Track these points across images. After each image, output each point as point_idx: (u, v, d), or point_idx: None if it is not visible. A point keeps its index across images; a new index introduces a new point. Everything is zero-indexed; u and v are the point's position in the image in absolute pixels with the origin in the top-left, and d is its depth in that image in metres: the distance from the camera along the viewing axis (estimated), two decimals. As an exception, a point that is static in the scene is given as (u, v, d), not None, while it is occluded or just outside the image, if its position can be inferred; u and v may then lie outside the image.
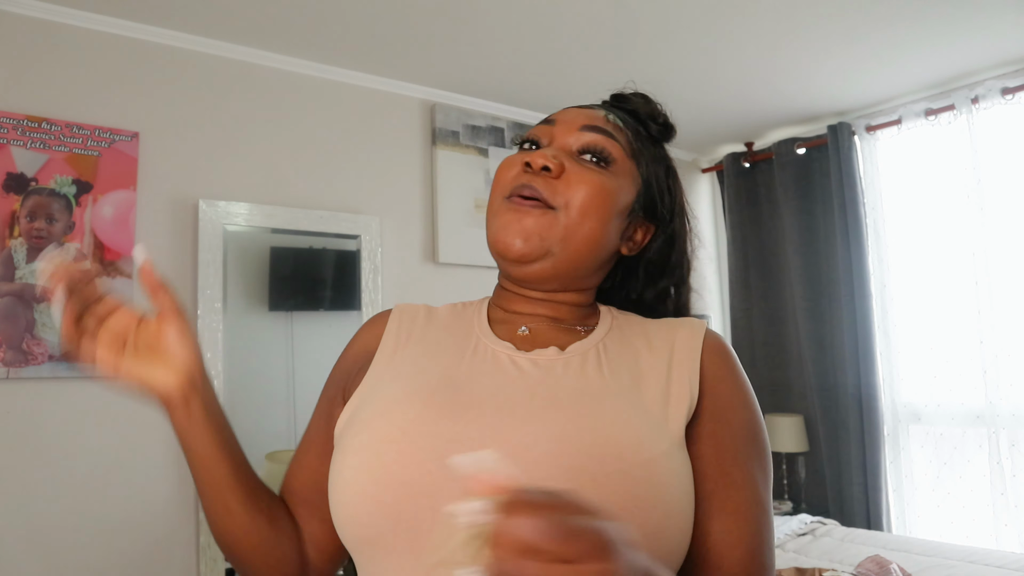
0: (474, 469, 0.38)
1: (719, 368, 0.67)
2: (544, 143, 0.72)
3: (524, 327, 0.71)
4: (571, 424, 0.57)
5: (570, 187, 0.67)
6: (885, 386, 3.08)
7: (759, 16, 2.25)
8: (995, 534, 2.71)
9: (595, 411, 0.59)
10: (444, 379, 0.64)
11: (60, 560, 1.84)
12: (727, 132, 3.47)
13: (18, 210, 1.87)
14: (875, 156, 3.15)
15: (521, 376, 0.63)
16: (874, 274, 3.12)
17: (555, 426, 0.57)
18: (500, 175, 0.71)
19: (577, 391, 0.61)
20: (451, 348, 0.69)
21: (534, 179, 0.67)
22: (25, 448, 1.83)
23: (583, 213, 0.67)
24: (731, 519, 0.60)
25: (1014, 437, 2.71)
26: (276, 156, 2.33)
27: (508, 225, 0.67)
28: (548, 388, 0.62)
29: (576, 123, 0.71)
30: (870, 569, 2.10)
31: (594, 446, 0.56)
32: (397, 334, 0.72)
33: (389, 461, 0.57)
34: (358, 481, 0.58)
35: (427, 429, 0.58)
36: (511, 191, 0.68)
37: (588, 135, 0.71)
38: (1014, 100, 2.75)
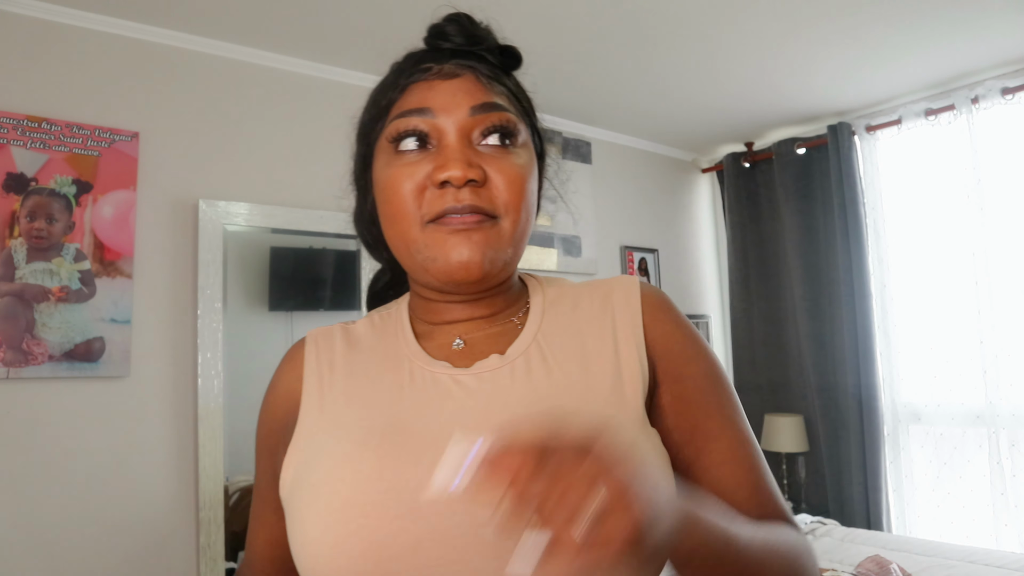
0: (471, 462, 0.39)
1: (664, 324, 0.65)
2: (433, 139, 0.61)
3: (458, 340, 0.65)
4: None
5: (499, 188, 0.61)
6: (885, 386, 3.08)
7: (759, 16, 2.25)
8: (995, 534, 2.71)
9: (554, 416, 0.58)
10: (389, 420, 0.59)
11: (60, 560, 1.84)
12: (727, 132, 3.47)
13: (18, 210, 1.87)
14: (875, 156, 3.16)
15: (469, 397, 0.60)
16: (874, 274, 3.12)
17: None
18: (400, 194, 0.60)
19: (530, 400, 0.59)
20: (385, 380, 0.63)
21: (462, 194, 0.59)
22: (25, 448, 1.83)
23: (520, 209, 0.62)
24: (724, 468, 0.61)
25: (1014, 437, 2.71)
26: (276, 156, 2.33)
27: (458, 247, 0.59)
28: (500, 404, 0.59)
29: (462, 106, 0.61)
30: (870, 569, 2.10)
31: None
32: (319, 371, 0.66)
33: (357, 527, 0.53)
34: (329, 556, 0.53)
35: (388, 483, 0.54)
36: (439, 213, 0.59)
37: (484, 117, 0.61)
38: (1014, 100, 2.75)
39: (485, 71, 0.63)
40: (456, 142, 0.60)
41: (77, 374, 1.90)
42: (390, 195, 0.61)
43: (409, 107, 0.61)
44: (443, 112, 0.61)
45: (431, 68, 0.62)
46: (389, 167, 0.62)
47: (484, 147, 0.61)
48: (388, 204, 0.62)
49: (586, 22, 2.24)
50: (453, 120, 0.61)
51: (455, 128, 0.60)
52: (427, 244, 0.60)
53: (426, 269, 0.61)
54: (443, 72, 0.62)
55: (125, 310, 1.98)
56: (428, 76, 0.62)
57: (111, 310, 1.96)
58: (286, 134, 2.36)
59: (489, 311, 0.67)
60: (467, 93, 0.61)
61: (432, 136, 0.61)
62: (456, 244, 0.59)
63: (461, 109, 0.61)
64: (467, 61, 0.63)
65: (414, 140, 0.61)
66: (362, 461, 0.56)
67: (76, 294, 1.91)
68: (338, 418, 0.62)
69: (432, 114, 0.61)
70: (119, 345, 1.96)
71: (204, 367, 2.08)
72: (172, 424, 2.05)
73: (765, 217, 3.57)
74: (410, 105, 0.62)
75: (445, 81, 0.62)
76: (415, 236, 0.61)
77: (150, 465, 2.00)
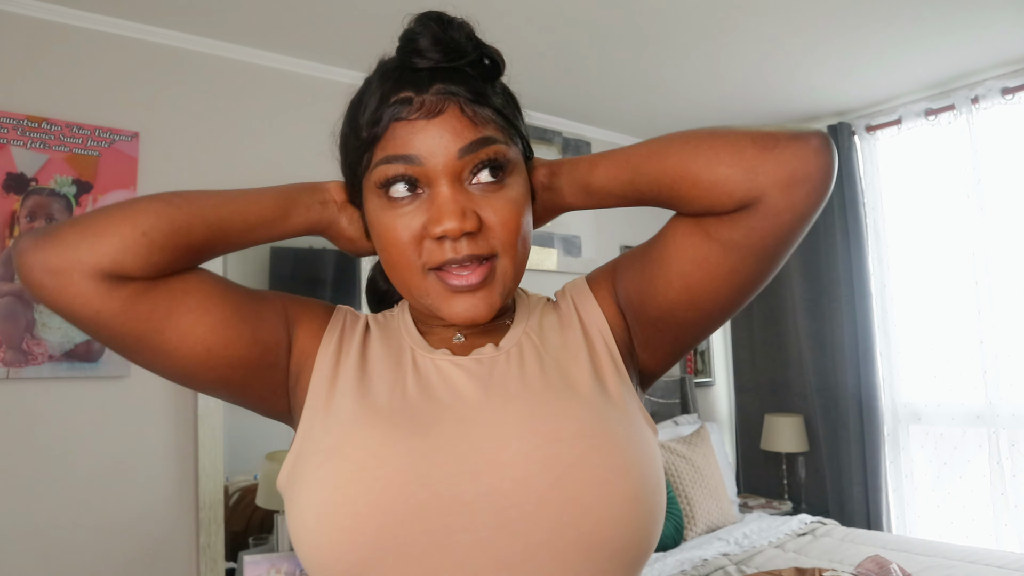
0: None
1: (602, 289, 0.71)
2: (423, 183, 0.60)
3: (459, 335, 0.68)
4: (533, 415, 0.58)
5: (496, 230, 0.60)
6: (885, 386, 3.08)
7: (759, 16, 2.25)
8: (995, 534, 2.71)
9: (550, 397, 0.61)
10: (396, 398, 0.61)
11: (60, 560, 1.84)
12: (727, 132, 3.47)
13: (18, 210, 1.87)
14: (875, 156, 3.16)
15: (469, 378, 0.62)
16: (874, 274, 3.12)
17: (519, 421, 0.58)
18: (399, 245, 0.60)
19: (525, 381, 0.62)
20: (390, 364, 0.65)
21: (459, 245, 0.59)
22: (25, 448, 1.83)
23: (517, 245, 0.62)
24: None
25: (1014, 437, 2.71)
26: (276, 156, 2.33)
27: (464, 305, 0.60)
28: (498, 384, 0.62)
29: (449, 149, 0.58)
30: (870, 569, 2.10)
31: (559, 431, 0.57)
32: (339, 345, 0.67)
33: (366, 489, 0.55)
34: (335, 517, 0.54)
35: (397, 452, 0.56)
36: (441, 263, 0.59)
37: (473, 156, 0.59)
38: (1014, 100, 2.75)
39: (468, 95, 0.60)
40: (448, 189, 0.59)
41: (77, 374, 1.90)
42: (387, 244, 0.61)
43: (394, 152, 0.59)
44: (430, 158, 0.58)
45: (411, 100, 0.59)
46: (383, 212, 0.61)
47: (475, 186, 0.60)
48: (386, 252, 0.62)
49: (586, 22, 2.24)
50: (441, 165, 0.58)
51: (444, 175, 0.59)
52: (430, 293, 0.61)
53: (431, 313, 0.63)
54: (425, 108, 0.59)
55: (125, 310, 1.98)
56: (410, 115, 0.59)
57: (111, 310, 1.96)
58: (286, 134, 2.36)
59: (490, 323, 0.69)
60: (454, 134, 0.59)
61: (421, 181, 0.59)
62: (462, 301, 0.60)
63: (448, 153, 0.58)
64: (448, 86, 0.60)
65: (403, 186, 0.60)
66: (372, 430, 0.58)
67: (76, 294, 1.91)
68: (348, 393, 0.62)
69: (419, 161, 0.59)
70: (119, 345, 1.96)
71: (204, 367, 2.08)
72: (172, 424, 2.05)
73: (765, 217, 3.57)
74: (395, 150, 0.59)
75: (429, 122, 0.59)
76: (418, 283, 0.61)
77: (150, 465, 2.00)
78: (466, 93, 0.60)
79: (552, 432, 0.57)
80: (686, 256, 0.60)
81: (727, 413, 3.79)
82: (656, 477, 0.59)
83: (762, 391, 3.53)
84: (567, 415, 0.59)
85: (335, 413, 0.61)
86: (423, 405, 0.60)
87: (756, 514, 3.00)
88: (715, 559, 2.39)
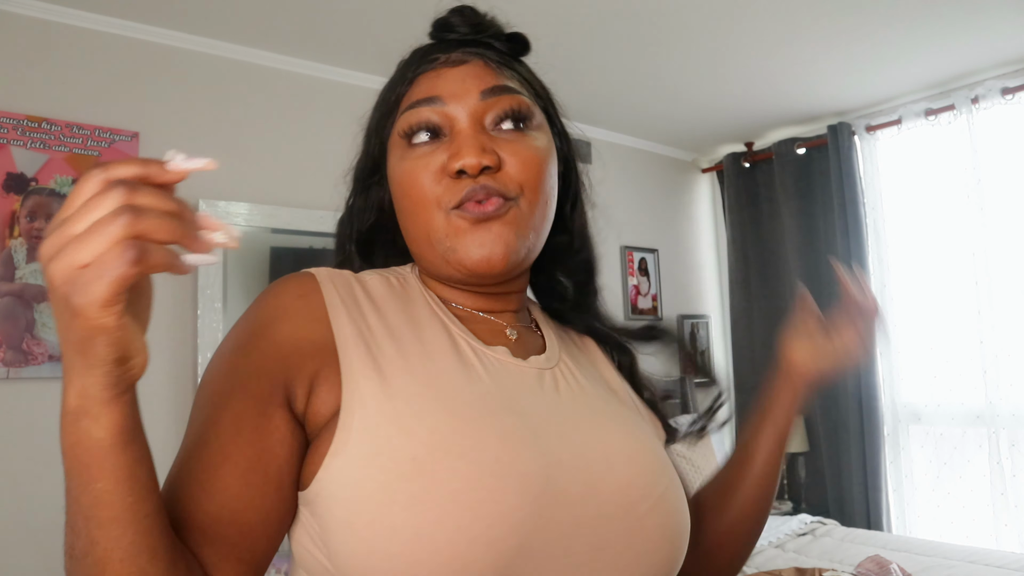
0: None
1: None
2: (445, 129, 0.59)
3: (511, 330, 0.64)
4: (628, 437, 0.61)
5: (515, 169, 0.59)
6: (885, 386, 3.08)
7: (759, 16, 2.25)
8: (995, 534, 2.71)
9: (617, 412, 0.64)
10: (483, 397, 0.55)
11: (60, 560, 1.83)
12: (727, 132, 3.47)
13: (18, 210, 1.87)
14: (875, 156, 3.16)
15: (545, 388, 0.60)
16: (874, 274, 3.12)
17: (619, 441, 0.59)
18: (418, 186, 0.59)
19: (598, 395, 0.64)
20: (447, 358, 0.57)
21: (478, 181, 0.57)
22: (25, 448, 1.82)
23: (538, 190, 0.60)
24: None
25: (1014, 437, 2.72)
26: (276, 156, 2.33)
27: (480, 240, 0.57)
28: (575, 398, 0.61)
29: (471, 92, 0.59)
30: (870, 569, 2.10)
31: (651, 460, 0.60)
32: (356, 327, 0.55)
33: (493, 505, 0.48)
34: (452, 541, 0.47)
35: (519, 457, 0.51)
36: (459, 200, 0.57)
37: (495, 101, 0.60)
38: (1014, 100, 2.75)
39: (494, 57, 0.62)
40: (469, 128, 0.59)
41: (77, 374, 1.90)
42: (408, 188, 0.60)
43: (418, 97, 0.60)
44: (453, 99, 0.59)
45: (438, 58, 0.61)
46: (404, 160, 0.60)
47: (498, 132, 0.60)
48: (407, 197, 0.60)
49: (586, 22, 2.24)
50: (464, 106, 0.59)
51: (466, 114, 0.59)
52: (448, 233, 0.58)
53: (447, 260, 0.59)
54: (450, 60, 0.61)
55: (125, 310, 1.98)
56: (435, 65, 0.61)
57: (111, 310, 1.96)
58: (286, 134, 2.36)
59: (516, 305, 0.67)
60: (476, 78, 0.60)
61: (444, 126, 0.59)
62: (477, 237, 0.57)
63: (471, 95, 0.59)
64: (475, 49, 0.62)
65: (426, 133, 0.59)
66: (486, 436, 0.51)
67: (76, 294, 1.91)
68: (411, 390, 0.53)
69: (442, 102, 0.59)
70: (119, 345, 1.96)
71: (204, 367, 2.08)
72: (172, 424, 2.05)
73: (765, 217, 3.57)
74: (419, 95, 0.60)
75: (453, 68, 0.61)
76: (438, 224, 0.58)
77: (150, 465, 1.99)
78: (491, 55, 0.63)
79: (647, 461, 0.59)
80: None
81: (727, 413, 3.78)
82: None
83: (762, 391, 3.53)
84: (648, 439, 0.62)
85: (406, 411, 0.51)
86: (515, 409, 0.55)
87: (756, 514, 3.00)
88: (715, 559, 2.39)
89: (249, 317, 0.56)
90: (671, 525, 0.57)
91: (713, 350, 3.77)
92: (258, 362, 0.53)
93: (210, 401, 0.53)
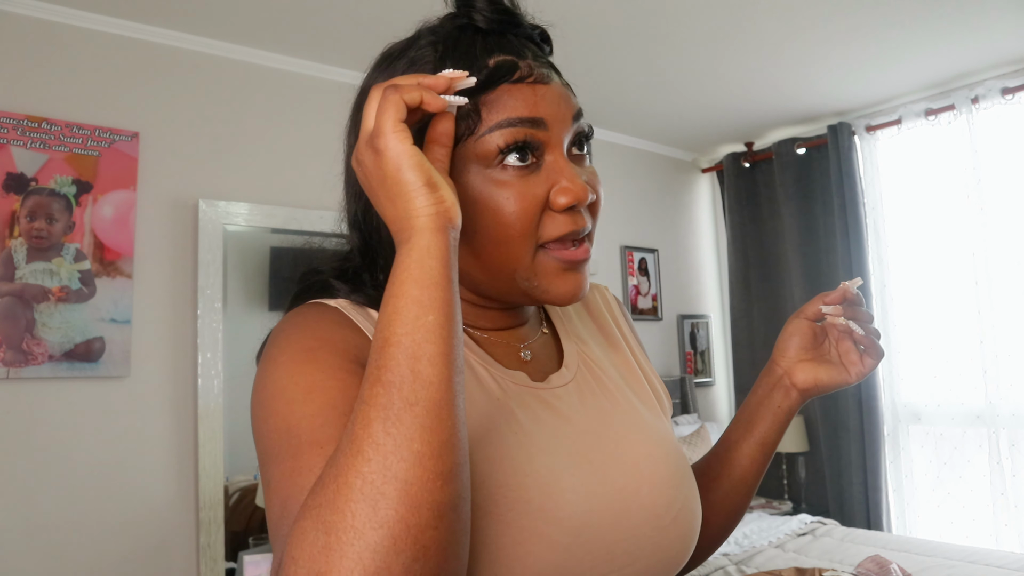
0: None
1: (627, 324, 0.76)
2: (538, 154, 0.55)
3: (526, 350, 0.63)
4: (642, 436, 0.61)
5: (597, 202, 0.58)
6: (885, 386, 3.08)
7: (759, 16, 2.25)
8: (995, 534, 2.71)
9: (637, 416, 0.63)
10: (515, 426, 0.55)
11: (60, 560, 1.84)
12: (727, 132, 3.47)
13: (18, 210, 1.87)
14: (875, 156, 3.16)
15: (569, 411, 0.59)
16: (874, 274, 3.12)
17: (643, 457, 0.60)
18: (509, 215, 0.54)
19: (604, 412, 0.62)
20: (470, 384, 0.57)
21: (580, 219, 0.56)
22: (25, 448, 1.83)
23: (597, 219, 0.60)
24: None
25: (1014, 437, 2.72)
26: (276, 156, 2.33)
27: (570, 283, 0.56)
28: (594, 416, 0.60)
29: (567, 117, 0.56)
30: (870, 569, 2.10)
31: (672, 472, 0.60)
32: None
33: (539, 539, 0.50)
34: None
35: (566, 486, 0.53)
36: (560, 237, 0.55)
37: (577, 127, 0.57)
38: (1014, 100, 2.75)
39: (557, 71, 0.59)
40: (564, 158, 0.55)
41: (77, 374, 1.90)
42: (498, 216, 0.54)
43: (518, 115, 0.53)
44: (556, 124, 0.55)
45: (517, 65, 0.55)
46: (490, 184, 0.54)
47: (570, 156, 0.57)
48: (494, 228, 0.54)
49: (587, 22, 2.24)
50: (564, 133, 0.55)
51: (567, 142, 0.56)
52: (536, 273, 0.55)
53: (525, 292, 0.57)
54: (536, 74, 0.55)
55: (125, 310, 1.98)
56: (524, 78, 0.55)
57: (111, 310, 1.96)
58: (286, 134, 2.36)
59: (523, 318, 0.66)
60: (566, 100, 0.56)
61: (539, 150, 0.55)
62: (569, 280, 0.56)
63: (567, 121, 0.56)
64: (537, 52, 0.58)
65: (517, 155, 0.54)
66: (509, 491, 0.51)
67: (76, 294, 1.91)
68: None
69: (546, 126, 0.54)
70: (119, 345, 1.96)
71: (204, 367, 2.08)
72: (172, 424, 2.05)
73: (765, 217, 3.57)
74: (517, 112, 0.53)
75: (547, 87, 0.55)
76: (526, 263, 0.55)
77: (150, 465, 2.00)
78: (555, 71, 0.59)
79: (670, 473, 0.59)
80: None
81: (727, 413, 3.79)
82: None
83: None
84: (666, 440, 0.62)
85: None
86: (550, 439, 0.56)
87: (756, 514, 3.00)
88: (715, 559, 2.39)
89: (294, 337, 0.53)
90: (689, 530, 0.59)
91: (713, 350, 3.77)
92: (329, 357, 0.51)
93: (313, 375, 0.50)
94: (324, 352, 0.51)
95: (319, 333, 0.53)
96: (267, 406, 0.50)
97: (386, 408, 0.40)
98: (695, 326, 3.68)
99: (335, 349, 0.51)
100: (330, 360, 0.50)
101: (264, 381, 0.51)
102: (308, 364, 0.50)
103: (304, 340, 0.52)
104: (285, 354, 0.52)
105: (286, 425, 0.47)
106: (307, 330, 0.54)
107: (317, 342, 0.52)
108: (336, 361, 0.50)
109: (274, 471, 0.46)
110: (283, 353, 0.52)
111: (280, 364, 0.51)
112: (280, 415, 0.48)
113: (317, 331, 0.53)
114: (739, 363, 3.62)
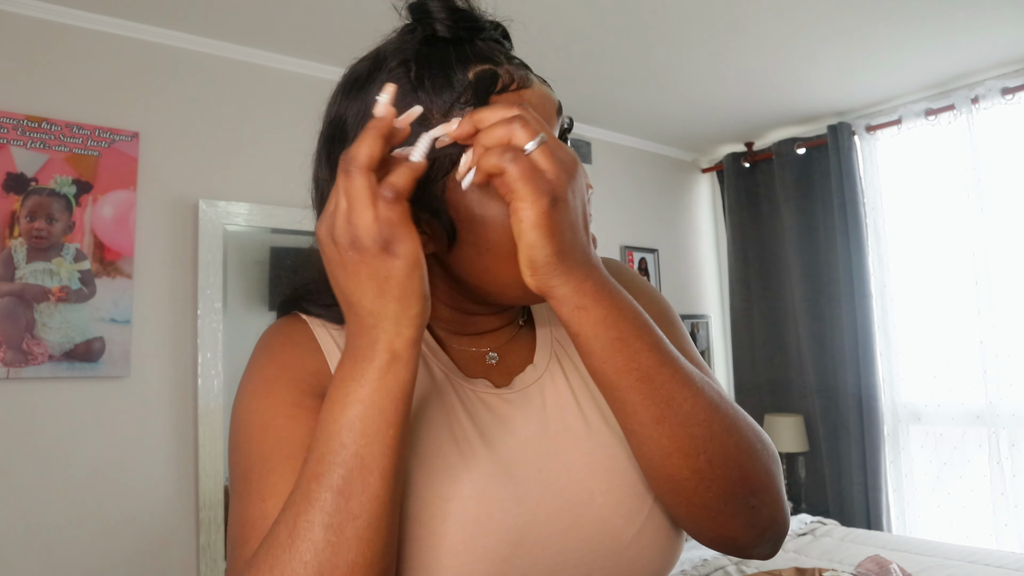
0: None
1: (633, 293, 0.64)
2: None
3: (492, 354, 0.61)
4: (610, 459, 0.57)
5: None
6: (885, 386, 3.08)
7: (759, 16, 2.25)
8: (995, 534, 2.71)
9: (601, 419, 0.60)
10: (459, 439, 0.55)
11: (60, 560, 1.84)
12: (727, 132, 3.47)
13: (18, 210, 1.87)
14: (875, 156, 3.16)
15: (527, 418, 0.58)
16: (874, 274, 3.12)
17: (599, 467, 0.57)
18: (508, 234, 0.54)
19: (579, 408, 0.60)
20: (431, 398, 0.57)
21: None
22: (25, 448, 1.83)
23: None
24: None
25: (1014, 437, 2.72)
26: (276, 156, 2.33)
27: None
28: (556, 419, 0.59)
29: (552, 115, 0.55)
30: (870, 569, 2.10)
31: (633, 481, 0.57)
32: None
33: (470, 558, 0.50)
34: None
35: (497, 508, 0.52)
36: None
37: (560, 120, 0.57)
38: (1014, 100, 2.75)
39: (525, 63, 0.56)
40: None
41: (77, 374, 1.90)
42: (499, 234, 0.51)
43: None
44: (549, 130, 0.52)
45: (496, 74, 0.52)
46: (493, 200, 0.51)
47: None
48: (508, 242, 0.50)
49: (586, 22, 2.24)
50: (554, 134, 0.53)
51: None
52: None
53: (506, 298, 0.56)
54: (518, 79, 0.53)
55: (125, 310, 1.98)
56: (509, 87, 0.52)
57: (111, 310, 1.96)
58: (286, 134, 2.36)
59: (511, 318, 0.64)
60: (548, 99, 0.54)
61: None
62: None
63: (553, 119, 0.54)
64: (509, 54, 0.56)
65: None
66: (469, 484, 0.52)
67: (76, 294, 1.91)
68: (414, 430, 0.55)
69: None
70: (119, 345, 1.96)
71: (204, 367, 2.08)
72: (172, 424, 2.05)
73: (765, 217, 3.57)
74: None
75: (529, 90, 0.53)
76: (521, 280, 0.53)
77: (150, 465, 2.00)
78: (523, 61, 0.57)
79: (630, 483, 0.56)
80: None
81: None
82: None
83: (762, 391, 3.53)
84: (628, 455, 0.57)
85: None
86: (494, 450, 0.55)
87: (756, 514, 2.99)
88: (715, 559, 2.39)
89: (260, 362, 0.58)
90: (657, 547, 0.56)
91: (713, 350, 3.78)
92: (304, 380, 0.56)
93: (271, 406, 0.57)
94: (281, 385, 0.55)
95: (283, 358, 0.57)
96: (232, 436, 0.56)
97: (331, 515, 0.43)
98: (695, 326, 3.68)
99: (293, 378, 0.55)
100: (285, 395, 0.54)
101: (235, 406, 0.57)
102: (266, 399, 0.54)
103: (267, 368, 0.57)
104: (251, 383, 0.57)
105: (244, 464, 0.53)
106: (272, 356, 0.57)
107: (278, 370, 0.56)
108: (291, 396, 0.54)
109: (232, 502, 0.53)
110: (250, 381, 0.57)
111: (246, 393, 0.56)
112: (240, 451, 0.54)
113: (281, 356, 0.57)
114: (739, 363, 3.62)
